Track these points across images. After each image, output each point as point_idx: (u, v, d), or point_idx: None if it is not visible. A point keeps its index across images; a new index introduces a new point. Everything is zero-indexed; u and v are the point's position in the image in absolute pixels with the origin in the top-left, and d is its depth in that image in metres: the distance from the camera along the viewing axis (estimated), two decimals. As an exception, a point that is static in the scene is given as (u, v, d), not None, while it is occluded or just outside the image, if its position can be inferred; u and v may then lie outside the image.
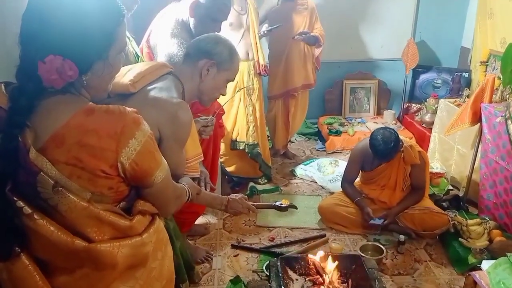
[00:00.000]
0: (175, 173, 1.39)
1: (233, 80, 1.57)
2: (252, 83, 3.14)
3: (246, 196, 1.77)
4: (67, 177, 0.90)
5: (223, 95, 1.58)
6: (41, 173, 0.89)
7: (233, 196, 1.72)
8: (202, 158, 1.70)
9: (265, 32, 3.27)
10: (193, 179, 1.61)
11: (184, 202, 1.34)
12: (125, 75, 1.39)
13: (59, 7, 0.89)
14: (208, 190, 1.75)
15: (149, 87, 1.39)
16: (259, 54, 3.16)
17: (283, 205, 1.89)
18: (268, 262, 2.34)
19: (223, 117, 2.80)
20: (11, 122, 0.88)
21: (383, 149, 2.57)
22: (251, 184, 3.38)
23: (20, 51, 0.91)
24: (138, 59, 1.93)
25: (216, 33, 1.60)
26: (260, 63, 3.15)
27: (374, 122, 4.38)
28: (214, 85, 1.50)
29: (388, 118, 4.41)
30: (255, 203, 1.82)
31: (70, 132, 0.90)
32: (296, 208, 2.08)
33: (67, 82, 0.91)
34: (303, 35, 3.48)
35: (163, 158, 1.07)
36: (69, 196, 0.91)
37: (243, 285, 2.26)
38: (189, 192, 1.38)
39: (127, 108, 0.96)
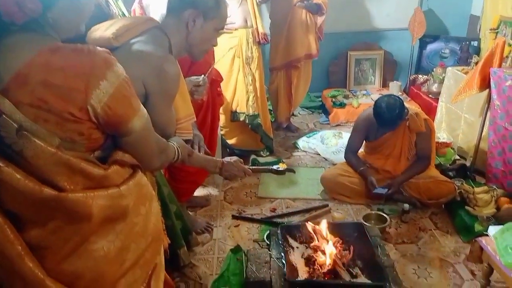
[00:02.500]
0: (165, 132, 1.33)
1: (222, 29, 1.47)
2: (251, 52, 3.05)
3: (242, 160, 1.70)
4: (32, 120, 0.84)
5: (214, 46, 1.48)
6: (3, 115, 0.82)
7: (227, 159, 1.66)
8: (195, 119, 1.63)
9: (264, -2, 3.15)
10: (186, 141, 1.54)
11: (171, 159, 1.28)
12: (108, 28, 1.32)
13: None
14: (202, 153, 1.69)
15: (133, 41, 1.32)
16: (257, 21, 3.05)
17: (280, 169, 1.81)
18: (269, 231, 2.30)
19: (222, 86, 2.72)
20: None
21: (387, 117, 2.49)
22: (253, 156, 3.32)
23: None
24: None
25: None
26: (259, 31, 3.05)
27: (379, 94, 4.25)
28: (202, 36, 1.40)
29: (394, 90, 4.28)
30: (251, 167, 1.75)
31: (34, 71, 0.83)
32: (294, 172, 2.02)
33: (30, 17, 0.84)
34: (305, 2, 3.35)
35: (141, 105, 1.01)
36: (35, 141, 0.85)
37: (243, 254, 2.22)
38: (178, 150, 1.32)
39: (97, 47, 0.89)
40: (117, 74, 0.90)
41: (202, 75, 1.76)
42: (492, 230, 1.99)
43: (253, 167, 1.87)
